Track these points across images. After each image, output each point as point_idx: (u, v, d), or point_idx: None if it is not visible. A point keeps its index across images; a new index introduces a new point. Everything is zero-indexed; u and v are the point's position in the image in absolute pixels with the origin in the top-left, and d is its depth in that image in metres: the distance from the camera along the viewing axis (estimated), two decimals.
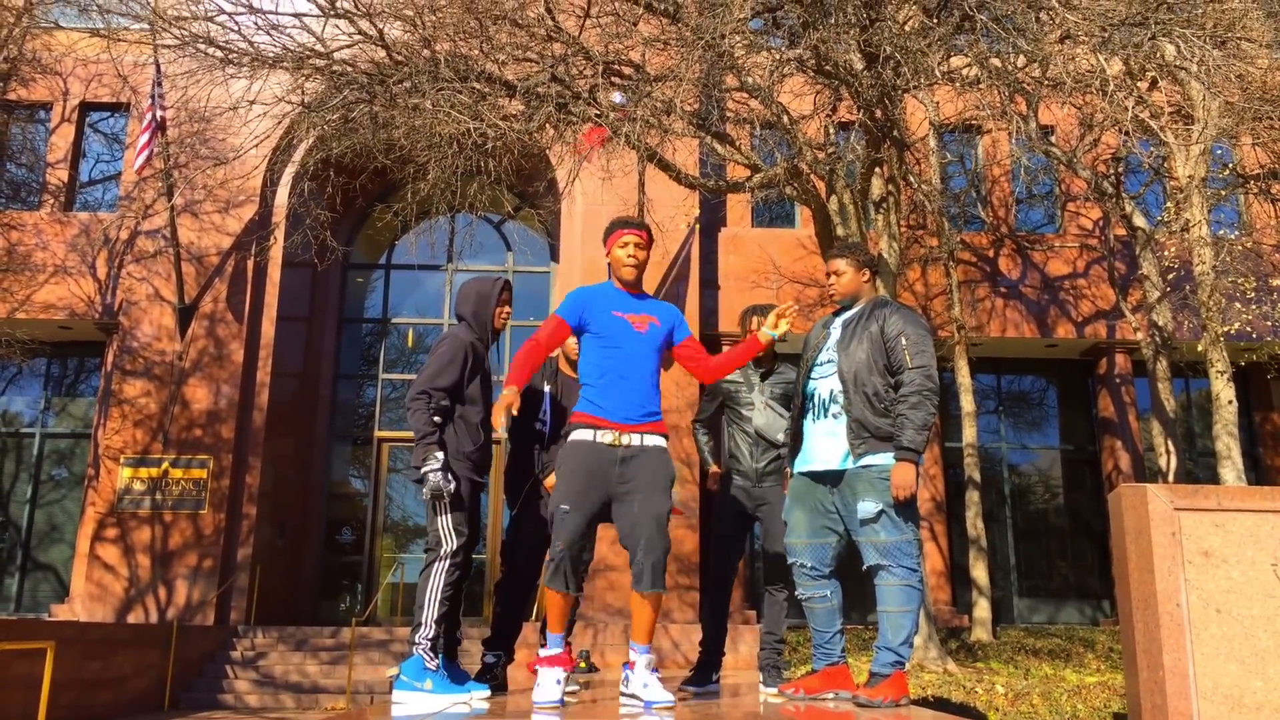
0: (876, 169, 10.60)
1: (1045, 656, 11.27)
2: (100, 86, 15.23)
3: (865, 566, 4.09)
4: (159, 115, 12.67)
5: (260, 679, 11.72)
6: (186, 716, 10.57)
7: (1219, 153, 14.12)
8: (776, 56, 8.72)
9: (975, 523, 12.90)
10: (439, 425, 4.30)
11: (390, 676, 4.28)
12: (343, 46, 8.90)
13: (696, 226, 14.41)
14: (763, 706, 4.35)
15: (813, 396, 4.32)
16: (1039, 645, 11.84)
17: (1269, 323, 12.36)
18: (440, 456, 4.22)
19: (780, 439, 4.86)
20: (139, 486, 13.41)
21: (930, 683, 7.83)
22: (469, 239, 14.73)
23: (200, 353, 13.91)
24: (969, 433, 13.07)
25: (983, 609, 12.58)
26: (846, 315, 4.38)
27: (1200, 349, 10.19)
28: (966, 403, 13.07)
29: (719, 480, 5.07)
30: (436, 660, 4.24)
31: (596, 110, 8.85)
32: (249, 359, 14.02)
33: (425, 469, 4.20)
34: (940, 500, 14.51)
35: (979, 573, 12.77)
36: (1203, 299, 10.08)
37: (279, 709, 11.14)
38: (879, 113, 9.13)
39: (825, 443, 4.21)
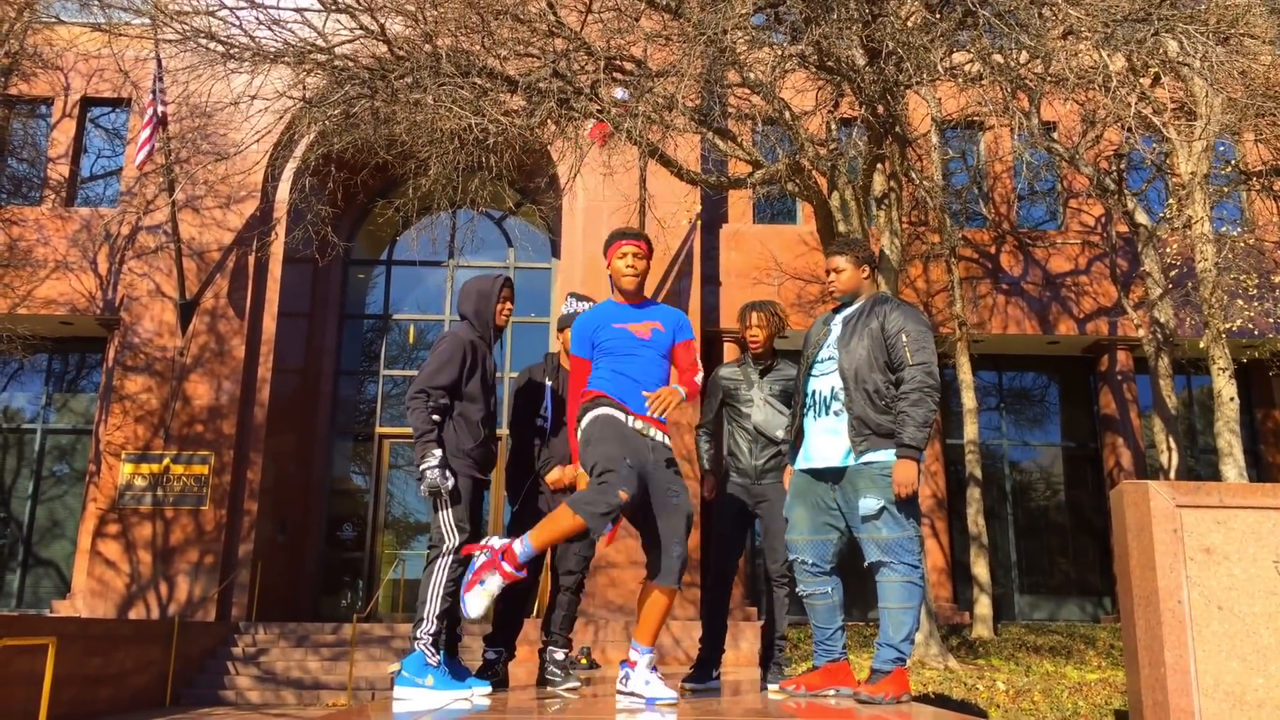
0: (878, 165, 10.58)
1: (1046, 653, 11.27)
2: (101, 81, 15.21)
3: (867, 563, 4.09)
4: (160, 110, 12.66)
5: (261, 675, 11.73)
6: (188, 712, 10.57)
7: (1221, 149, 14.09)
8: (778, 52, 8.70)
9: (976, 519, 12.90)
10: (437, 423, 4.33)
11: (391, 673, 4.29)
12: (344, 41, 8.90)
13: (698, 222, 14.40)
14: (765, 702, 4.34)
15: (814, 394, 4.31)
16: (1040, 642, 11.84)
17: (1271, 320, 12.35)
18: (438, 454, 4.25)
19: (779, 435, 4.85)
20: (140, 482, 13.42)
21: (931, 679, 7.83)
22: (470, 235, 14.72)
23: (201, 348, 13.92)
24: (970, 429, 13.07)
25: (984, 606, 12.58)
26: (847, 312, 4.37)
27: (1202, 346, 10.18)
28: (968, 399, 13.06)
29: (719, 479, 5.07)
30: (438, 656, 4.24)
31: (598, 106, 8.84)
32: (250, 355, 14.03)
33: (423, 466, 4.25)
34: (941, 497, 14.51)
35: (980, 569, 12.77)
36: (1205, 296, 10.06)
37: (280, 705, 11.15)
38: (881, 109, 9.11)
39: (826, 440, 4.20)
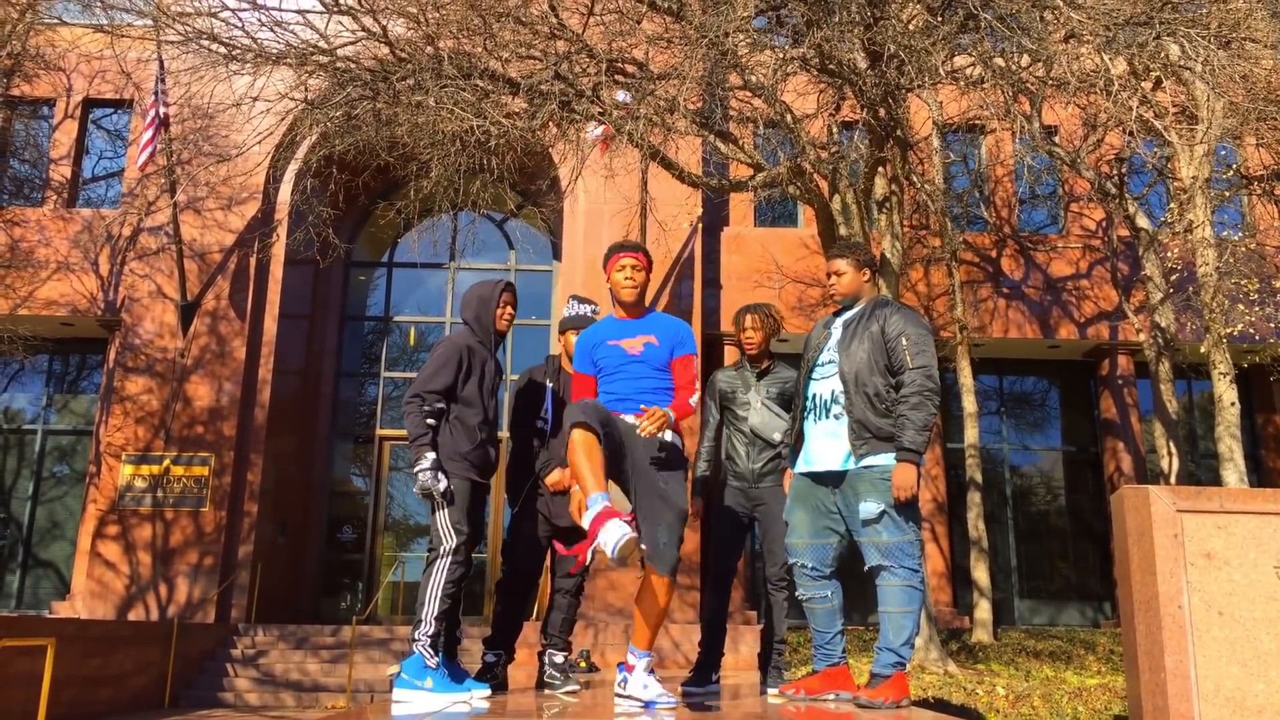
0: (880, 168, 10.58)
1: (1046, 658, 11.26)
2: (103, 83, 15.22)
3: (867, 567, 4.08)
4: (162, 112, 12.67)
5: (261, 677, 11.72)
6: (187, 714, 10.56)
7: (1223, 153, 14.09)
8: (780, 55, 8.70)
9: (976, 524, 12.88)
10: (432, 427, 4.39)
11: (391, 675, 4.29)
12: (346, 43, 8.90)
13: (699, 225, 14.40)
14: (764, 706, 4.33)
15: (814, 397, 4.31)
16: (1040, 647, 11.82)
17: (1272, 324, 12.33)
18: (430, 457, 4.31)
19: (777, 438, 4.85)
20: (140, 484, 13.42)
21: (931, 684, 7.82)
22: (471, 237, 14.73)
23: (202, 350, 13.92)
24: (971, 434, 13.05)
25: (984, 610, 12.57)
26: (847, 315, 4.37)
27: (1203, 350, 10.17)
28: (968, 403, 13.05)
29: (718, 487, 5.06)
30: (437, 658, 4.24)
31: (600, 108, 8.84)
32: (251, 356, 14.02)
33: (416, 469, 4.31)
34: (942, 501, 14.49)
35: (980, 574, 12.75)
36: (1206, 300, 10.06)
37: (279, 707, 11.14)
38: (882, 112, 9.11)
39: (826, 443, 4.20)
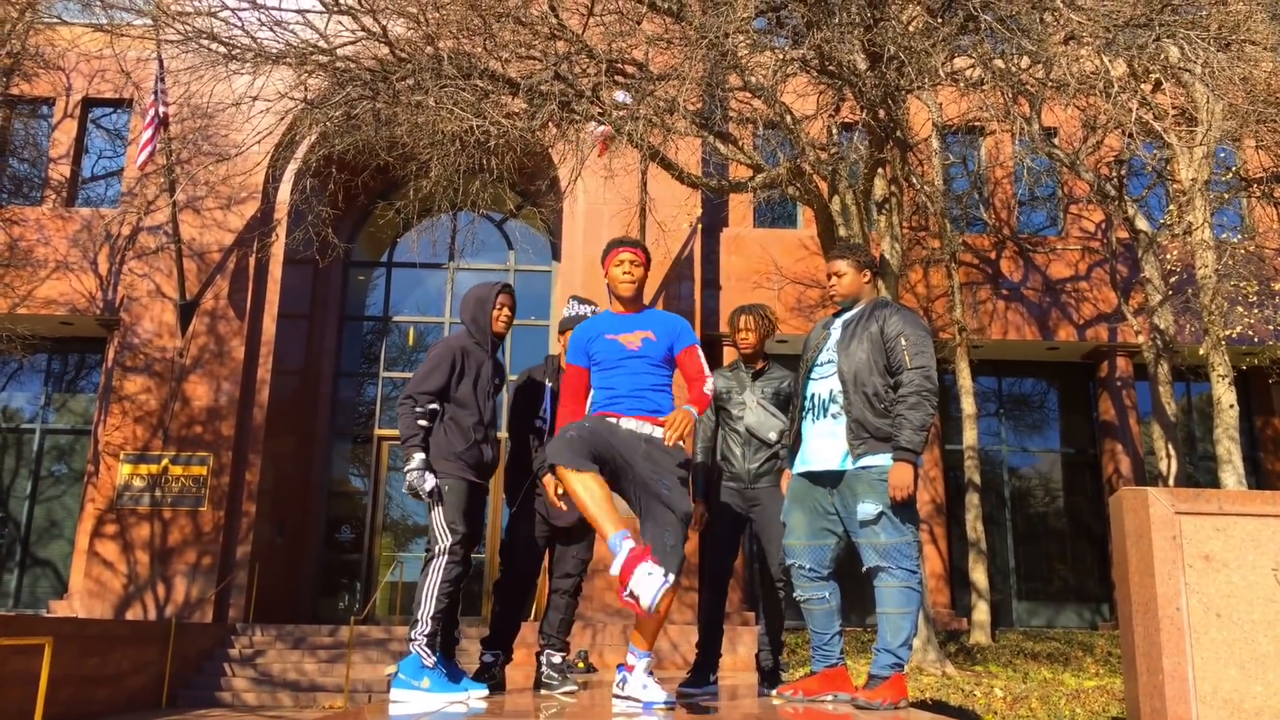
0: (879, 170, 10.59)
1: (1044, 660, 11.26)
2: (103, 82, 15.21)
3: (865, 568, 4.08)
4: (161, 111, 12.67)
5: (258, 677, 11.71)
6: (184, 714, 10.56)
7: (1222, 155, 14.10)
8: (780, 56, 8.70)
9: (975, 525, 12.88)
10: (424, 428, 4.42)
11: (388, 675, 4.29)
12: (346, 43, 8.90)
13: (698, 226, 14.40)
14: (762, 707, 4.33)
15: (812, 397, 4.30)
16: (1038, 649, 11.82)
17: (1271, 327, 12.34)
18: (419, 457, 4.35)
19: (772, 438, 4.84)
20: (139, 483, 13.41)
21: (929, 685, 7.82)
22: (471, 237, 14.72)
23: (201, 349, 13.91)
24: (969, 435, 13.05)
25: (982, 612, 12.56)
26: (847, 316, 4.37)
27: (1202, 353, 10.17)
28: (967, 405, 13.05)
29: (714, 489, 5.05)
30: (434, 658, 4.23)
31: (600, 109, 8.84)
32: (250, 356, 14.01)
33: (406, 469, 4.37)
34: (940, 503, 14.49)
35: (978, 576, 12.75)
36: (1204, 302, 10.06)
37: (277, 707, 11.13)
38: (882, 113, 9.11)
39: (824, 443, 4.20)
